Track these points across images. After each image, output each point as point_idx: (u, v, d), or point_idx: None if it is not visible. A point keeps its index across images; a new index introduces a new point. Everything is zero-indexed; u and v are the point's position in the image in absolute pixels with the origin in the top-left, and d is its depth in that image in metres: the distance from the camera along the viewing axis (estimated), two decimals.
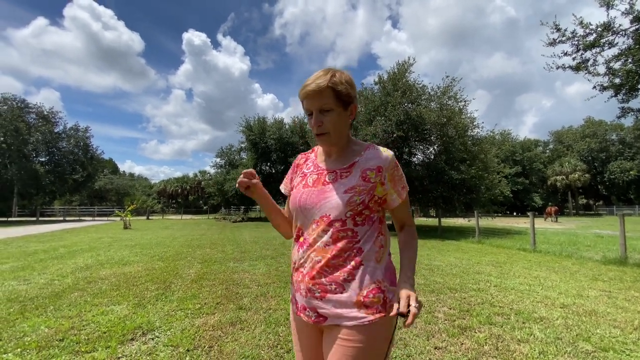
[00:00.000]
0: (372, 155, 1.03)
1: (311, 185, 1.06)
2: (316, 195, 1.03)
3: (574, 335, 2.78)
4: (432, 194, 14.47)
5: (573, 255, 7.56)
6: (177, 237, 11.94)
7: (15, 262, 6.32)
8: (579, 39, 7.07)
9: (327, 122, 0.99)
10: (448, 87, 15.03)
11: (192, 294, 4.00)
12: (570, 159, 42.97)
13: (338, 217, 0.98)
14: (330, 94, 0.97)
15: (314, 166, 1.12)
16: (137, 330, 2.83)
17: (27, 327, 2.88)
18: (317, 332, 1.05)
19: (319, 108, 0.99)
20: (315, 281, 0.98)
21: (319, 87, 0.96)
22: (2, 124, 23.90)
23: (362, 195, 0.98)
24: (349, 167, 1.03)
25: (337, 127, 1.01)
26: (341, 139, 1.05)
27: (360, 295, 0.94)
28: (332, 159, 1.09)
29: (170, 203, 49.21)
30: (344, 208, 0.97)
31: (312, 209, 1.02)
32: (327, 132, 1.00)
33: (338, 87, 0.98)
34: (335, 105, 0.99)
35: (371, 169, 1.00)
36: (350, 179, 1.01)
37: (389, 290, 0.98)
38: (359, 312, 0.94)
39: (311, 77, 1.00)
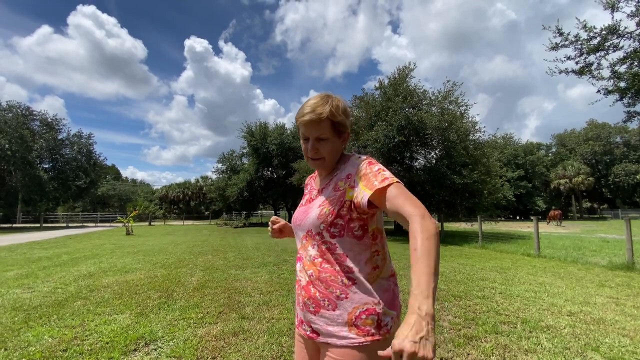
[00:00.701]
0: (347, 166, 1.05)
1: (303, 204, 1.12)
2: (302, 213, 1.07)
3: (582, 344, 2.74)
4: (434, 199, 14.42)
5: (578, 261, 7.49)
6: (179, 243, 11.94)
7: (20, 269, 6.33)
8: (582, 43, 7.04)
9: (323, 149, 1.02)
10: (449, 91, 15.05)
11: (194, 303, 3.98)
12: (573, 162, 42.80)
13: (316, 230, 1.00)
14: (327, 124, 0.99)
15: (311, 187, 1.17)
16: (139, 340, 2.82)
17: (32, 337, 2.87)
18: (315, 347, 1.04)
19: (316, 136, 1.01)
20: (310, 295, 0.98)
21: (318, 118, 0.97)
22: (7, 131, 24.10)
23: (331, 205, 0.99)
24: (328, 183, 1.07)
25: (331, 154, 1.04)
26: (333, 162, 1.08)
27: (352, 314, 0.92)
28: (321, 177, 1.13)
29: (172, 209, 49.28)
30: (317, 220, 0.99)
31: (300, 226, 1.07)
32: (322, 157, 1.03)
33: (336, 119, 1.00)
34: (332, 135, 1.01)
35: (341, 179, 1.02)
36: (325, 192, 1.05)
37: (386, 312, 0.93)
38: (349, 332, 0.91)
39: (310, 104, 1.00)
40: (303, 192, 1.24)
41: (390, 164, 14.07)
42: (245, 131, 27.32)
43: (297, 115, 1.03)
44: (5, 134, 23.93)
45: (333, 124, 1.00)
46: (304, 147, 1.05)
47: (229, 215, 33.28)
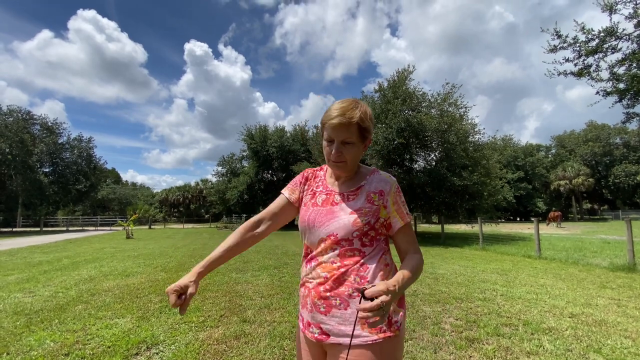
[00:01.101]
0: (376, 179, 1.08)
1: (320, 205, 1.09)
2: (324, 215, 1.05)
3: (584, 346, 2.74)
4: (435, 201, 14.43)
5: (580, 262, 7.48)
6: (179, 246, 11.93)
7: (20, 273, 6.33)
8: (580, 45, 7.08)
9: (347, 153, 1.02)
10: (448, 93, 15.10)
11: (195, 306, 3.98)
12: (573, 163, 42.84)
13: (345, 236, 1.00)
14: (356, 129, 1.00)
15: (323, 186, 1.15)
16: (141, 344, 2.82)
17: (33, 341, 2.87)
18: (322, 351, 1.03)
19: (342, 140, 1.01)
20: (321, 295, 0.98)
21: (348, 122, 0.98)
22: (8, 135, 24.15)
23: (367, 216, 1.01)
24: (356, 190, 1.07)
25: (354, 158, 1.05)
26: (354, 168, 1.10)
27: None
28: (340, 181, 1.12)
29: (172, 212, 49.26)
30: (351, 228, 1.00)
31: (320, 228, 1.04)
32: (345, 160, 1.04)
33: (364, 124, 1.01)
34: (357, 140, 1.02)
35: (374, 192, 1.05)
36: (357, 201, 1.05)
37: (395, 311, 0.97)
38: (362, 331, 0.93)
39: (339, 107, 1.00)
40: (308, 185, 1.18)
41: (390, 166, 14.09)
42: (245, 134, 27.40)
43: (325, 118, 1.03)
44: (6, 138, 23.99)
45: (360, 129, 1.01)
46: (327, 149, 1.05)
47: (229, 218, 33.24)
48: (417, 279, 0.99)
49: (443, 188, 13.70)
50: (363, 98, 17.39)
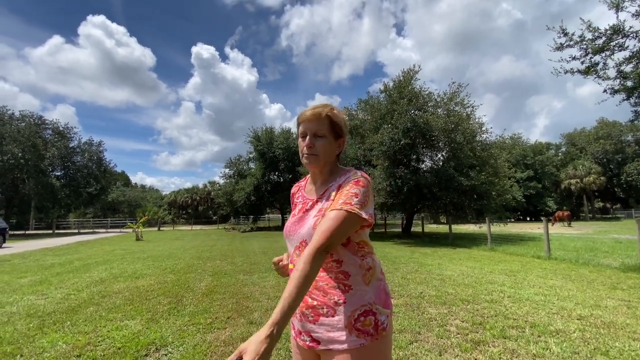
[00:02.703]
0: (344, 178, 1.06)
1: (296, 214, 1.13)
2: (297, 223, 1.09)
3: (591, 349, 2.71)
4: (442, 201, 14.33)
5: (590, 263, 7.36)
6: (187, 248, 12.07)
7: (33, 275, 6.49)
8: (587, 43, 6.98)
9: (319, 146, 1.06)
10: (455, 93, 15.01)
11: (203, 308, 4.04)
12: (584, 161, 42.06)
13: (310, 239, 1.00)
14: (326, 122, 1.06)
15: (301, 196, 1.18)
16: (150, 346, 2.88)
17: (46, 343, 2.95)
18: (315, 357, 1.05)
19: (314, 132, 1.06)
20: (308, 305, 1.00)
21: (319, 113, 1.06)
22: (21, 140, 24.72)
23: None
24: (323, 193, 1.09)
25: (326, 152, 1.07)
26: (326, 165, 1.11)
27: (351, 317, 0.95)
28: (316, 186, 1.14)
29: (180, 214, 49.73)
30: (312, 230, 1.00)
31: (293, 236, 1.08)
32: (317, 154, 1.07)
33: (334, 119, 1.08)
34: (329, 133, 1.07)
35: (334, 189, 1.05)
36: (320, 203, 1.07)
37: (381, 312, 0.99)
38: (350, 336, 0.94)
39: (312, 105, 1.11)
40: (291, 202, 1.25)
41: (396, 166, 14.03)
42: (251, 136, 27.57)
43: (299, 115, 1.10)
44: (19, 143, 24.55)
45: (331, 123, 1.07)
46: (301, 144, 1.09)
47: (237, 220, 33.52)
48: (306, 288, 0.85)
49: (450, 188, 13.60)
50: (369, 98, 17.37)
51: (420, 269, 6.78)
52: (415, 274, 6.13)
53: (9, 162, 23.77)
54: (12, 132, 24.87)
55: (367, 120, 16.23)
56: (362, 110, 17.89)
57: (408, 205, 15.59)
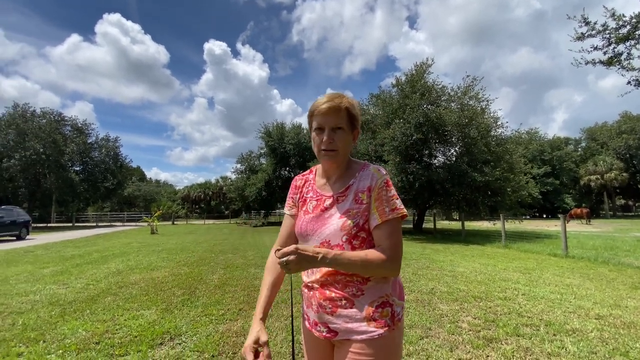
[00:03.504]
0: (365, 176, 1.04)
1: (311, 212, 1.08)
2: (316, 221, 1.05)
3: (610, 349, 2.63)
4: (455, 197, 14.11)
5: (610, 261, 7.15)
6: (200, 242, 12.29)
7: (55, 266, 6.74)
8: (610, 32, 6.65)
9: (338, 139, 1.02)
10: (469, 86, 14.69)
11: (215, 300, 4.12)
12: (605, 157, 40.59)
13: (335, 241, 1.00)
14: (345, 114, 1.02)
15: (313, 191, 1.13)
16: (165, 335, 2.96)
17: (67, 330, 3.07)
18: (329, 347, 1.07)
19: (333, 126, 1.01)
20: (326, 297, 1.00)
21: (338, 106, 1.00)
22: (42, 136, 25.57)
23: (355, 218, 0.99)
24: (345, 191, 1.05)
25: (345, 146, 1.04)
26: (345, 159, 1.07)
27: (369, 309, 0.97)
28: (331, 182, 1.10)
29: (193, 208, 50.60)
30: (340, 232, 0.99)
31: (312, 236, 1.04)
32: (336, 149, 1.02)
33: (353, 110, 1.03)
34: (347, 126, 1.03)
35: (362, 191, 1.02)
36: (345, 202, 1.03)
37: (397, 304, 1.01)
38: (368, 327, 0.96)
39: (327, 96, 1.03)
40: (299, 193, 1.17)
41: (408, 162, 13.87)
42: (262, 132, 27.73)
43: (312, 107, 1.04)
44: (40, 139, 25.40)
45: (349, 115, 1.02)
46: (317, 139, 1.03)
47: (248, 215, 33.87)
48: (365, 272, 0.95)
49: (463, 184, 13.37)
50: (380, 93, 17.18)
51: (431, 265, 6.71)
52: (426, 270, 6.08)
53: (31, 157, 24.64)
54: (34, 129, 25.75)
55: (379, 115, 16.07)
56: (374, 105, 17.72)
57: (420, 201, 15.42)
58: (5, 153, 24.53)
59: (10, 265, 6.88)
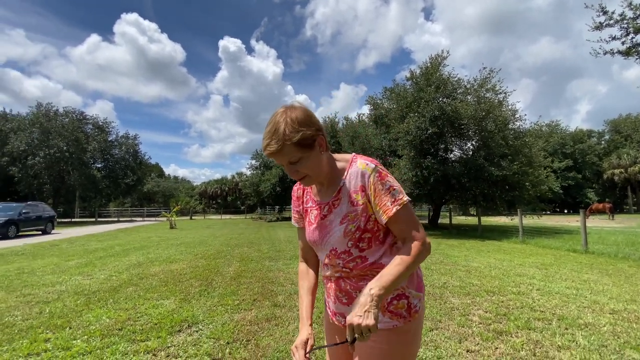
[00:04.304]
0: (354, 174, 1.00)
1: (314, 222, 1.08)
2: (320, 231, 1.05)
3: (621, 342, 2.60)
4: (471, 192, 13.87)
5: (630, 257, 6.93)
6: (217, 236, 12.60)
7: (79, 259, 7.09)
8: (628, 22, 6.37)
9: (302, 168, 0.96)
10: (486, 78, 14.33)
11: (231, 291, 4.27)
12: (629, 150, 38.89)
13: (342, 248, 1.00)
14: (289, 149, 0.91)
15: (311, 200, 1.12)
16: (183, 323, 3.11)
17: (92, 317, 3.27)
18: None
19: (286, 163, 0.95)
20: (342, 289, 1.04)
21: (276, 151, 0.91)
22: (65, 135, 26.63)
23: (355, 221, 0.97)
24: (337, 194, 1.02)
25: (312, 168, 0.97)
26: (321, 173, 1.02)
27: (384, 300, 0.96)
28: (324, 188, 1.07)
29: (210, 204, 51.66)
30: (344, 239, 0.98)
31: (321, 245, 1.06)
32: (305, 175, 0.98)
33: (293, 140, 0.90)
34: (301, 153, 0.93)
35: (355, 191, 0.98)
36: (341, 206, 1.00)
37: (414, 296, 1.00)
38: (384, 318, 0.96)
39: (265, 134, 0.94)
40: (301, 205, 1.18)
41: (423, 156, 13.72)
42: None
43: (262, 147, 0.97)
44: (63, 137, 26.47)
45: (294, 145, 0.91)
46: (288, 171, 1.00)
47: (263, 210, 34.29)
48: (411, 271, 0.91)
49: (480, 178, 13.13)
50: (394, 86, 17.00)
51: (445, 260, 6.68)
52: (439, 265, 6.07)
53: (55, 155, 25.73)
54: (57, 127, 26.83)
55: (393, 109, 15.90)
56: (388, 99, 17.54)
57: (435, 197, 15.23)
58: (30, 151, 25.69)
59: (36, 258, 7.28)
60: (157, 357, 2.44)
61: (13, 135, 25.99)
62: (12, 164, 25.82)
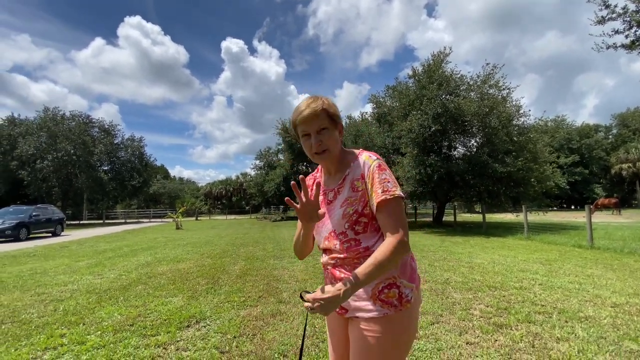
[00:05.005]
0: (358, 164, 1.10)
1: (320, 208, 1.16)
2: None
3: (620, 334, 2.65)
4: (476, 189, 13.85)
5: (637, 252, 6.90)
6: (223, 236, 12.74)
7: (89, 259, 7.25)
8: (631, 15, 6.33)
9: (326, 139, 1.08)
10: (489, 75, 14.30)
11: (237, 288, 4.37)
12: (637, 144, 38.33)
13: (339, 229, 1.09)
14: (325, 115, 1.07)
15: (320, 187, 1.20)
16: (191, 318, 3.21)
17: (104, 314, 3.39)
18: (344, 322, 1.17)
19: (317, 129, 1.07)
20: (336, 277, 1.10)
21: (315, 111, 1.06)
22: (72, 138, 27.05)
23: (354, 205, 1.06)
24: (342, 182, 1.12)
25: (333, 143, 1.09)
26: (337, 153, 1.13)
27: (375, 289, 1.03)
28: (332, 176, 1.18)
29: (216, 204, 52.01)
30: (342, 220, 1.07)
31: (322, 228, 1.15)
32: (327, 148, 1.09)
33: (331, 109, 1.09)
34: (330, 125, 1.08)
35: (357, 179, 1.08)
36: (344, 192, 1.10)
37: (405, 286, 1.04)
38: (374, 305, 1.03)
39: (303, 103, 1.10)
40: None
41: (426, 154, 13.72)
42: (280, 128, 28.08)
43: (294, 117, 1.11)
44: (70, 141, 26.88)
45: (329, 115, 1.07)
46: (307, 144, 1.10)
47: (268, 210, 34.52)
48: (389, 268, 0.98)
49: (484, 175, 13.10)
50: (397, 84, 17.01)
51: (449, 256, 6.73)
52: (443, 262, 6.11)
53: (62, 158, 26.15)
54: (64, 131, 27.25)
55: (395, 107, 15.93)
56: (390, 97, 17.56)
57: (439, 194, 15.24)
58: (38, 155, 26.13)
59: (48, 259, 7.46)
60: (168, 350, 2.54)
61: (22, 140, 26.44)
62: (22, 167, 26.28)
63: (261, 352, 2.49)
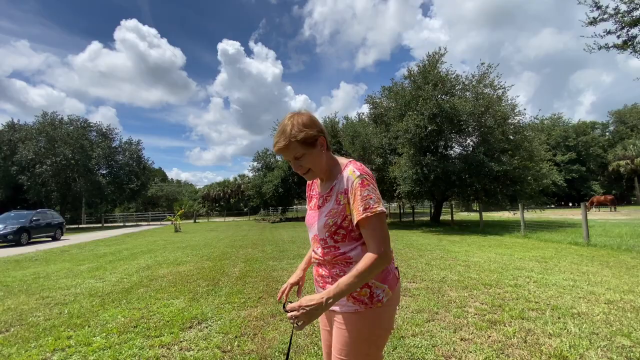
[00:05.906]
0: (343, 178, 1.14)
1: (313, 208, 1.29)
2: (312, 217, 1.27)
3: (612, 330, 2.73)
4: (473, 188, 13.95)
5: (634, 249, 7.00)
6: (222, 238, 12.79)
7: (90, 263, 7.30)
8: (622, 15, 6.44)
9: (305, 162, 1.15)
10: (484, 74, 14.42)
11: (237, 290, 4.43)
12: (635, 140, 38.59)
13: (321, 235, 1.19)
14: (295, 145, 1.11)
15: (315, 190, 1.33)
16: (193, 319, 3.28)
17: (108, 317, 3.45)
18: (329, 315, 1.29)
19: (292, 158, 1.15)
20: (319, 274, 1.24)
21: (285, 146, 1.11)
22: (70, 142, 27.02)
23: (335, 217, 1.14)
24: (330, 191, 1.19)
25: (314, 163, 1.16)
26: (322, 169, 1.20)
27: None
28: (324, 182, 1.27)
29: (214, 206, 51.96)
30: (323, 229, 1.17)
31: (310, 229, 1.28)
32: (308, 170, 1.17)
33: (298, 137, 1.10)
34: (304, 150, 1.13)
35: (341, 192, 1.14)
36: (330, 202, 1.18)
37: (377, 286, 1.11)
38: (347, 302, 1.12)
39: (276, 133, 1.15)
40: (311, 191, 1.37)
41: (423, 154, 13.83)
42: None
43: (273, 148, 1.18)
44: (69, 145, 26.85)
45: (299, 143, 1.11)
46: (293, 166, 1.19)
47: (266, 211, 34.49)
48: (369, 278, 1.06)
49: (481, 174, 13.20)
50: (393, 85, 17.10)
51: (445, 255, 6.81)
52: (439, 261, 6.19)
53: (61, 163, 26.12)
54: (63, 136, 27.21)
55: (392, 107, 16.02)
56: (386, 97, 17.65)
57: (436, 193, 15.34)
58: (37, 159, 26.10)
59: (49, 264, 7.50)
60: (171, 350, 2.61)
61: (21, 145, 26.42)
62: (21, 172, 26.24)
63: (262, 351, 2.56)
